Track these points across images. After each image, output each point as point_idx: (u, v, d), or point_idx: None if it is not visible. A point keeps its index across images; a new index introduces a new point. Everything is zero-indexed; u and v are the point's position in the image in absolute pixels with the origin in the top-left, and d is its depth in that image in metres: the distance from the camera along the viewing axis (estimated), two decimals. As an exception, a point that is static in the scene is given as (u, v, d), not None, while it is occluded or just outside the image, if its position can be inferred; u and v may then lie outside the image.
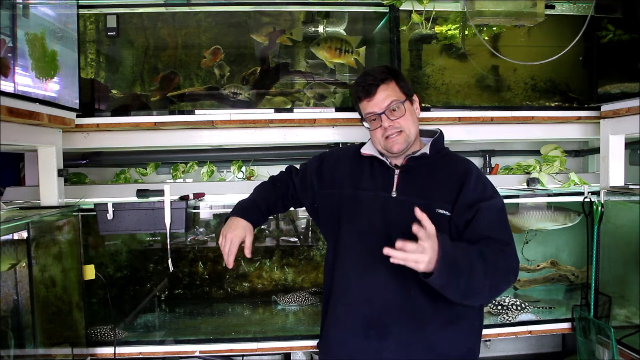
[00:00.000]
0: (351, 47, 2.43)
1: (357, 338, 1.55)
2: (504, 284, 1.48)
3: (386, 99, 1.55)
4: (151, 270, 2.78)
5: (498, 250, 1.44)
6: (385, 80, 1.56)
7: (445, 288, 1.34)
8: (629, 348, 2.14)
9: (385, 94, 1.55)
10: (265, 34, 2.44)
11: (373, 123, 1.58)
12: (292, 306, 2.65)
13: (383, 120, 1.55)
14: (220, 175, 2.84)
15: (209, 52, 2.46)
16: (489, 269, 1.38)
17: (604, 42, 2.33)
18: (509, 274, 1.46)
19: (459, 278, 1.32)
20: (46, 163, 2.10)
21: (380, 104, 1.55)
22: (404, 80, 1.61)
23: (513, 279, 1.49)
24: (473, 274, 1.35)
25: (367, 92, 1.55)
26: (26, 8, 1.77)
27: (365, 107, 1.58)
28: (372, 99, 1.55)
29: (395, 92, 1.56)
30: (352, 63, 2.47)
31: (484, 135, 2.53)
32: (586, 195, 2.31)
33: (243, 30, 2.52)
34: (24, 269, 1.78)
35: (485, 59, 2.62)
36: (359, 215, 1.59)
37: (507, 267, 1.45)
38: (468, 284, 1.34)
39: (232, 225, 1.60)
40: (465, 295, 1.38)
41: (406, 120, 1.56)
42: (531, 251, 2.84)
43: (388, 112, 1.55)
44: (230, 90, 2.42)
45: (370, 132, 1.63)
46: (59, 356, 1.98)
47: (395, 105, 1.55)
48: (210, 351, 2.25)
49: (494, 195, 1.55)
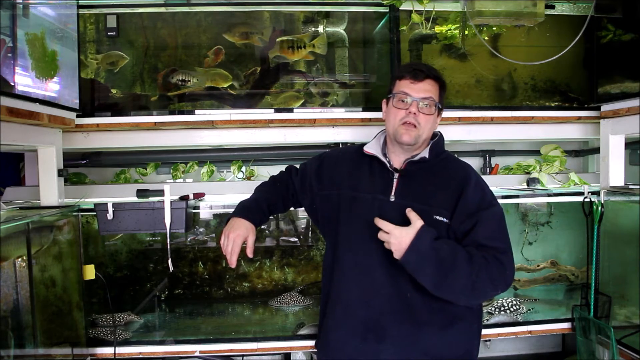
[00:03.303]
0: (303, 42, 2.46)
1: (356, 340, 1.56)
2: (492, 290, 1.49)
3: (427, 92, 1.57)
4: (151, 270, 2.78)
5: (493, 257, 1.46)
6: (435, 79, 1.59)
7: (416, 274, 1.44)
8: (629, 348, 2.14)
9: (429, 87, 1.57)
10: (238, 34, 2.45)
11: (400, 103, 1.58)
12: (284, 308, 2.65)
13: (412, 106, 1.55)
14: (220, 175, 2.84)
15: (212, 52, 2.47)
16: (473, 272, 1.42)
17: (604, 42, 2.33)
18: (498, 281, 1.47)
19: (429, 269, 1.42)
20: (46, 163, 2.10)
21: (420, 92, 1.56)
22: (444, 93, 1.64)
23: (503, 286, 1.49)
24: (454, 271, 1.41)
25: (415, 75, 1.57)
26: (26, 8, 1.77)
27: (403, 87, 1.58)
28: (416, 83, 1.56)
29: (436, 93, 1.59)
30: (309, 57, 2.50)
31: (484, 135, 2.53)
32: (586, 195, 2.31)
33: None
34: (24, 269, 1.78)
35: (485, 59, 2.62)
36: (357, 218, 1.59)
37: (498, 274, 1.46)
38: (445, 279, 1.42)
39: (235, 225, 1.60)
40: (438, 287, 1.44)
41: (427, 122, 1.57)
42: (531, 251, 2.84)
43: (421, 103, 1.56)
44: (178, 78, 2.42)
45: (388, 111, 1.63)
46: (59, 356, 1.98)
47: (430, 102, 1.56)
48: (210, 351, 2.25)
49: (492, 202, 1.56)
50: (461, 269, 1.41)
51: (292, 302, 2.64)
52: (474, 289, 1.43)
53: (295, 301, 2.64)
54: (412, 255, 1.41)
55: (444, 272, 1.41)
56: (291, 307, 2.62)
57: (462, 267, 1.42)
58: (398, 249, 1.43)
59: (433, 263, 1.41)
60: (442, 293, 1.45)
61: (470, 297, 1.47)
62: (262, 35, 2.49)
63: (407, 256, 1.41)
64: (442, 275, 1.42)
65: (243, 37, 2.46)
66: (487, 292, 1.48)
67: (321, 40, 2.48)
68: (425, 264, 1.41)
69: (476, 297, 1.51)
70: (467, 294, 1.45)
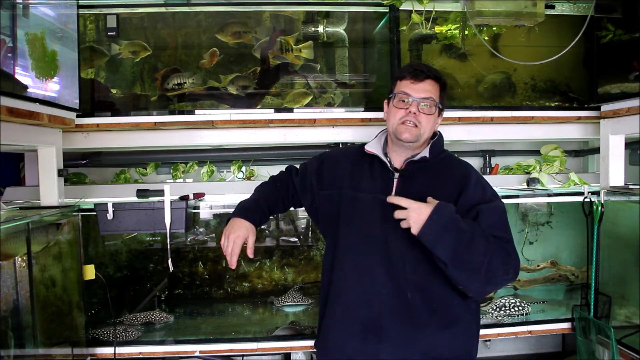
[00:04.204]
0: (290, 46, 2.47)
1: (355, 340, 1.56)
2: (504, 274, 1.46)
3: (427, 92, 1.57)
4: (151, 270, 2.78)
5: (499, 244, 1.46)
6: (436, 79, 1.59)
7: (435, 245, 1.40)
8: (629, 348, 2.14)
9: (429, 87, 1.58)
10: (230, 34, 2.46)
11: (400, 103, 1.58)
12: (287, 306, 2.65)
13: (412, 105, 1.56)
14: (220, 175, 2.84)
15: (208, 54, 2.47)
16: (488, 250, 1.41)
17: (604, 42, 2.33)
18: (509, 266, 1.46)
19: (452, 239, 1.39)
20: (46, 163, 2.10)
21: (420, 92, 1.57)
22: (445, 94, 1.64)
23: (513, 273, 1.48)
24: (472, 246, 1.40)
25: (416, 75, 1.57)
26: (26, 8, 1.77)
27: (404, 87, 1.58)
28: (416, 83, 1.57)
29: (436, 93, 1.59)
30: (296, 60, 2.51)
31: (484, 135, 2.53)
32: (586, 195, 2.30)
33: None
34: (24, 269, 1.78)
35: (485, 59, 2.62)
36: (358, 218, 1.59)
37: (508, 259, 1.46)
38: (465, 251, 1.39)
39: (235, 226, 1.60)
40: (456, 260, 1.40)
41: (428, 122, 1.58)
42: (531, 251, 2.84)
43: (421, 103, 1.56)
44: (173, 82, 2.43)
45: (389, 111, 1.63)
46: (59, 356, 1.98)
47: (430, 102, 1.57)
48: (210, 351, 2.25)
49: (493, 198, 1.56)
50: (479, 244, 1.41)
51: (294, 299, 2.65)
52: (488, 269, 1.41)
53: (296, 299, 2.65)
54: (433, 224, 1.39)
55: (465, 244, 1.39)
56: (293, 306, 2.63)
57: (480, 243, 1.41)
58: (417, 220, 1.40)
59: (454, 233, 1.39)
60: (459, 269, 1.42)
61: (483, 278, 1.43)
62: (256, 33, 2.48)
63: (428, 226, 1.40)
64: (463, 247, 1.39)
65: (236, 36, 2.46)
66: (498, 277, 1.46)
67: (307, 46, 2.49)
68: (446, 234, 1.39)
69: (488, 280, 1.45)
70: (482, 274, 1.41)
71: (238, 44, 2.49)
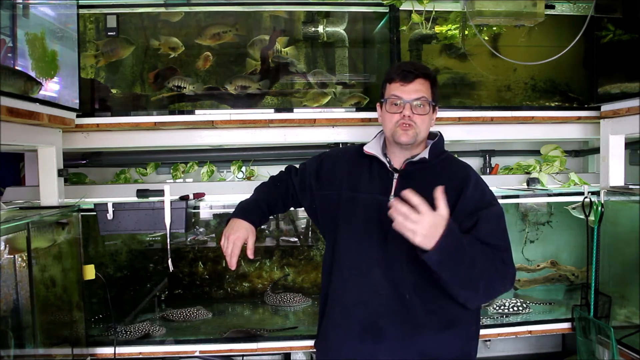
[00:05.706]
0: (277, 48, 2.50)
1: (353, 340, 1.55)
2: (500, 287, 1.47)
3: (418, 92, 1.56)
4: (151, 270, 2.78)
5: (496, 255, 1.45)
6: (425, 76, 1.58)
7: (442, 267, 1.33)
8: (629, 348, 2.14)
9: (419, 87, 1.56)
10: (209, 37, 2.46)
11: (393, 107, 1.57)
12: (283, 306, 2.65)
13: (405, 109, 1.55)
14: (220, 175, 2.84)
15: (202, 58, 2.49)
16: (487, 267, 1.40)
17: (604, 42, 2.33)
18: (505, 278, 1.46)
19: (459, 261, 1.34)
20: (46, 163, 2.10)
21: (411, 94, 1.55)
22: (437, 89, 1.63)
23: (509, 284, 1.48)
24: (474, 264, 1.36)
25: (404, 77, 1.56)
26: (26, 8, 1.77)
27: (394, 90, 1.57)
28: (406, 85, 1.56)
29: (427, 92, 1.58)
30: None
31: (484, 135, 2.53)
32: (586, 195, 2.30)
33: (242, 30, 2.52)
34: (24, 269, 1.78)
35: (485, 59, 2.62)
36: (356, 218, 1.59)
37: (505, 271, 1.46)
38: (467, 271, 1.36)
39: (234, 226, 1.60)
40: (462, 282, 1.38)
41: (423, 122, 1.57)
42: (531, 251, 2.84)
43: (414, 104, 1.55)
44: (174, 83, 2.43)
45: (383, 116, 1.62)
46: (59, 356, 1.98)
47: (423, 102, 1.56)
48: (210, 351, 2.25)
49: (492, 202, 1.55)
50: (479, 262, 1.38)
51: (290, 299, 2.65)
52: (487, 286, 1.41)
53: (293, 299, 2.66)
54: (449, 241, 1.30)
55: (467, 265, 1.36)
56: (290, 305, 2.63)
57: (479, 260, 1.38)
58: (430, 235, 1.28)
59: (467, 252, 1.34)
60: (458, 286, 1.40)
61: (482, 294, 1.44)
62: (237, 30, 2.48)
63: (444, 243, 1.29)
64: (471, 267, 1.36)
65: (215, 38, 2.46)
66: (496, 289, 1.47)
67: (292, 49, 2.53)
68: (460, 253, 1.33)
69: (486, 294, 1.46)
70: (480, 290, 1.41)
71: (231, 43, 2.50)
